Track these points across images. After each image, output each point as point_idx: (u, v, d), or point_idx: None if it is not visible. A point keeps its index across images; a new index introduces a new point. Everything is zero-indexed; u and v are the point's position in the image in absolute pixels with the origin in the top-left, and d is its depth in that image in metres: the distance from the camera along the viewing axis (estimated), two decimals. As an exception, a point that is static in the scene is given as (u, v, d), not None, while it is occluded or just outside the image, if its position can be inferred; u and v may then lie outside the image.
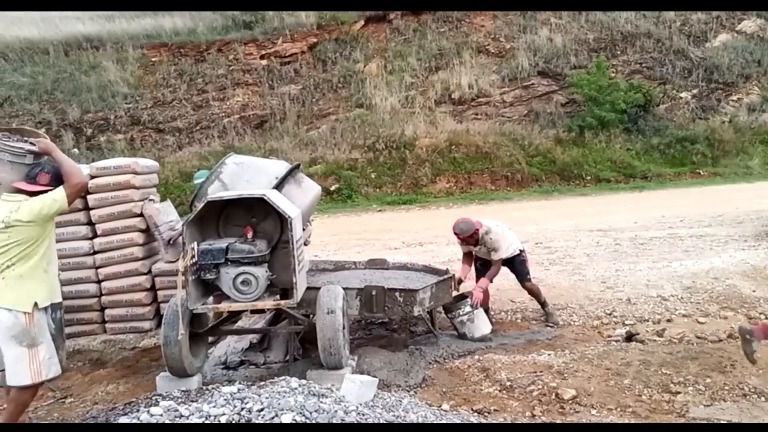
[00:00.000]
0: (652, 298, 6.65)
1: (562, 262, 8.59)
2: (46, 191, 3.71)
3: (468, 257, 6.16)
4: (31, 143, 3.90)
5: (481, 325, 5.71)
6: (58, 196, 3.72)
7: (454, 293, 5.83)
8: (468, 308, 5.70)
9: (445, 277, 5.65)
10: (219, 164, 4.86)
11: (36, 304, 3.65)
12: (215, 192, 4.63)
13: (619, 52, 21.26)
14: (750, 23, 22.21)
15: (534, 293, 6.26)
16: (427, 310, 5.44)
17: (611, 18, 21.74)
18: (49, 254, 3.83)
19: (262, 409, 2.93)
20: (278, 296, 4.46)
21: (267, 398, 3.09)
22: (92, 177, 6.08)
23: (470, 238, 5.88)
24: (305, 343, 5.24)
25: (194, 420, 2.84)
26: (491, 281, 5.95)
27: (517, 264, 6.18)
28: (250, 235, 4.39)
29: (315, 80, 20.45)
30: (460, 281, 5.98)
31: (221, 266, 4.24)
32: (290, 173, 4.89)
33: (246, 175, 4.83)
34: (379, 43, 21.64)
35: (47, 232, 3.77)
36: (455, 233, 5.93)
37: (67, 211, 3.95)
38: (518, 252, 6.15)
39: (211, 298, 4.49)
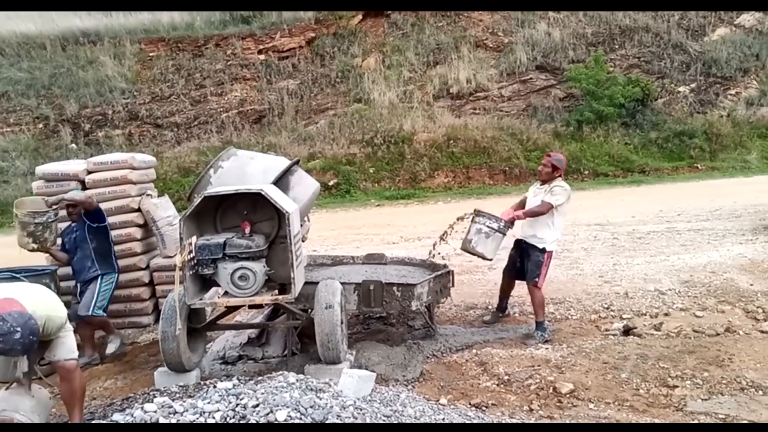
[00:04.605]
0: (650, 292, 6.66)
1: (559, 256, 8.57)
2: None
3: (519, 204, 5.92)
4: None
5: (489, 247, 5.51)
6: None
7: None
8: (494, 224, 5.48)
9: (443, 271, 5.65)
10: (218, 158, 4.85)
11: None
12: (215, 186, 4.62)
13: (617, 47, 21.21)
14: (748, 17, 22.14)
15: (534, 302, 5.75)
16: (425, 304, 5.44)
17: (609, 12, 21.68)
18: None
19: (257, 405, 2.92)
20: (276, 291, 4.47)
21: (262, 394, 3.08)
22: (89, 172, 6.08)
23: (552, 168, 5.64)
24: (303, 337, 5.24)
25: (188, 416, 2.83)
26: (525, 216, 5.60)
27: (532, 262, 5.70)
28: (247, 230, 4.39)
29: (313, 75, 20.38)
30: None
31: (219, 261, 4.23)
32: (289, 169, 4.88)
33: (244, 170, 4.83)
34: (377, 37, 21.57)
35: None
36: (549, 154, 5.78)
37: None
38: (542, 248, 5.65)
39: (208, 293, 4.49)
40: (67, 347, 3.75)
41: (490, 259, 5.65)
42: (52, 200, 5.54)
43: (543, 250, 5.67)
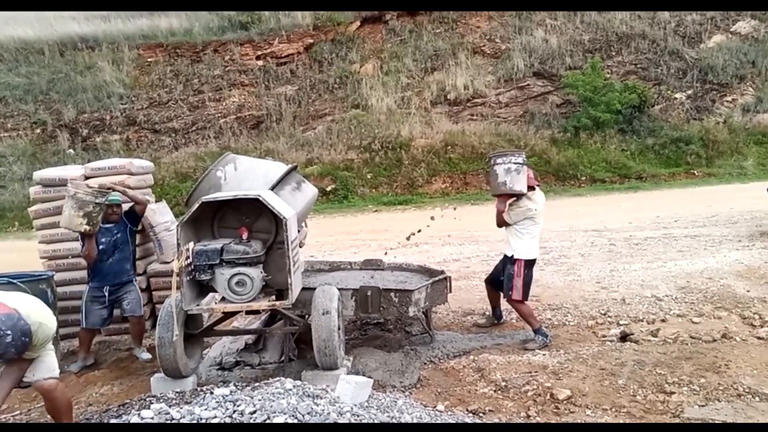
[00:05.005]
0: (647, 298, 6.67)
1: (557, 262, 8.60)
2: None
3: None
4: None
5: (523, 181, 5.47)
6: None
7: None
8: (519, 158, 5.46)
9: (441, 277, 5.64)
10: (216, 164, 4.85)
11: None
12: (213, 192, 4.62)
13: (614, 53, 21.31)
14: (744, 24, 22.27)
15: (521, 314, 5.72)
16: (423, 310, 5.44)
17: (606, 19, 21.80)
18: None
19: (254, 412, 2.92)
20: (273, 297, 4.46)
21: (259, 400, 3.07)
22: (86, 177, 6.08)
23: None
24: (300, 343, 5.23)
25: (185, 423, 2.83)
26: (497, 204, 5.62)
27: (505, 274, 5.67)
28: (245, 236, 4.38)
29: (311, 81, 20.44)
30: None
31: (216, 267, 4.23)
32: (287, 175, 4.88)
33: (243, 175, 4.83)
34: (375, 44, 21.65)
35: None
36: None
37: None
38: (512, 257, 5.59)
39: (206, 299, 4.48)
40: (47, 366, 3.70)
41: (526, 194, 5.58)
42: (108, 185, 5.50)
43: (513, 260, 5.62)
